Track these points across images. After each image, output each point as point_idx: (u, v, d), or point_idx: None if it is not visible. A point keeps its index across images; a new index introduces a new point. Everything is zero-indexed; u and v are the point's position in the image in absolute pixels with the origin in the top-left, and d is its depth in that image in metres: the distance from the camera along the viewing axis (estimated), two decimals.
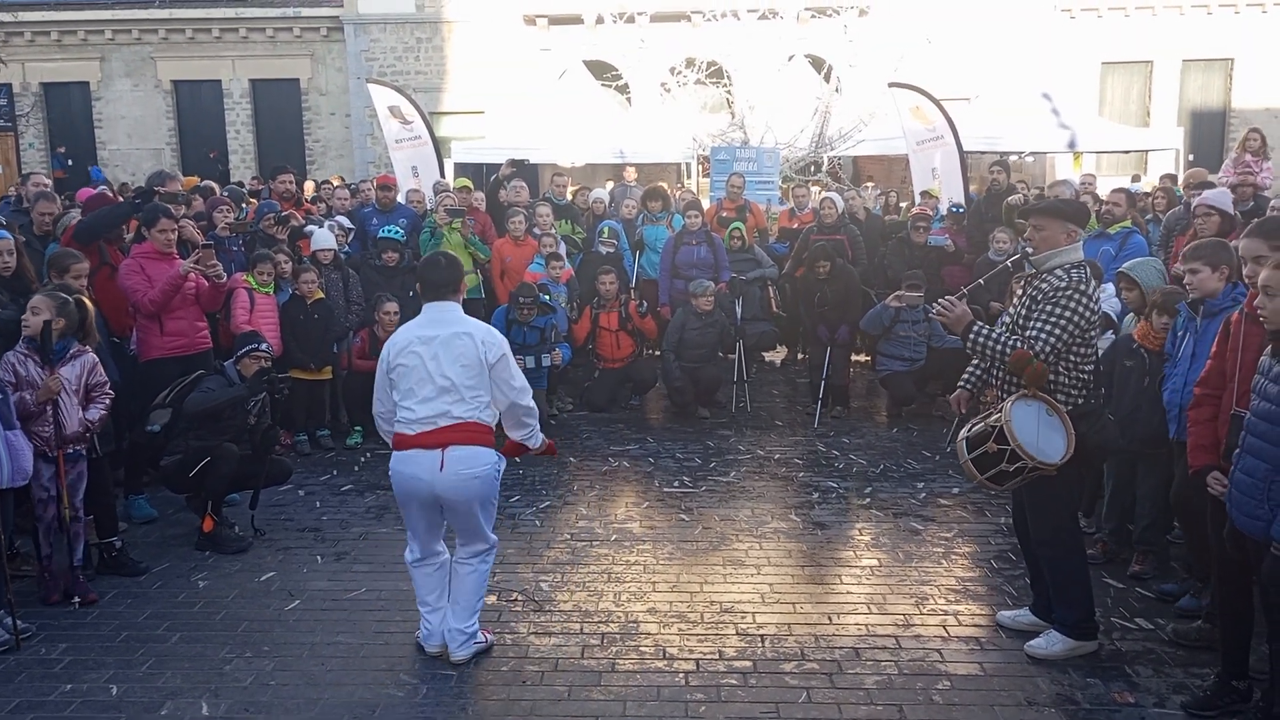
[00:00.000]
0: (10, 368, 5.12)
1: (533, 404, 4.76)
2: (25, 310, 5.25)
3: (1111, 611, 5.18)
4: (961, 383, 5.06)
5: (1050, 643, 4.71)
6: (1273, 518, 3.70)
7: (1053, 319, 4.44)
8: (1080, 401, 4.59)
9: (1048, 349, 4.43)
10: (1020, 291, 4.77)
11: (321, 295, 8.30)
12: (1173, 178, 13.87)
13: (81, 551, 5.48)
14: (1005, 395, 4.65)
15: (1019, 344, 4.47)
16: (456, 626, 4.72)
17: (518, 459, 5.02)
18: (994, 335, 4.55)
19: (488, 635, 4.85)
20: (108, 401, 5.56)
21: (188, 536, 6.29)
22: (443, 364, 4.50)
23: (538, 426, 4.85)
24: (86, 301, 5.55)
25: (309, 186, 13.88)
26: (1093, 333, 4.57)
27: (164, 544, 6.27)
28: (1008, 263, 5.59)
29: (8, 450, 4.86)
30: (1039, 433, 4.48)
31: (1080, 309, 4.44)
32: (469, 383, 4.51)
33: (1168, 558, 5.61)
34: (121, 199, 8.33)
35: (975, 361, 4.95)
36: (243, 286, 7.80)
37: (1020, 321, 4.62)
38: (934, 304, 4.72)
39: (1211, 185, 8.65)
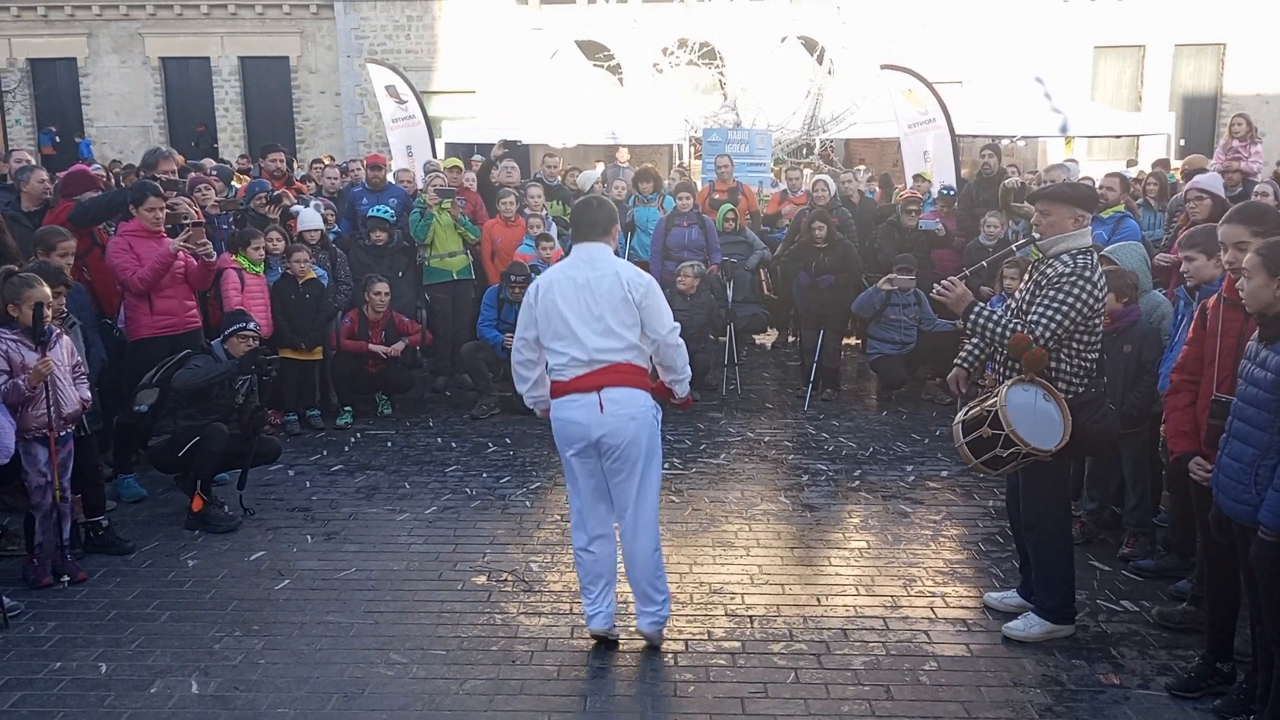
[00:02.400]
0: (4, 354, 5.08)
1: (683, 345, 4.72)
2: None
3: (1097, 594, 5.22)
4: (958, 361, 5.06)
5: (1028, 625, 4.74)
6: (1259, 502, 3.72)
7: (1054, 304, 4.42)
8: (1081, 390, 4.57)
9: (1048, 334, 4.43)
10: (1026, 277, 4.76)
11: (314, 275, 8.26)
12: (1166, 164, 13.88)
13: (69, 530, 5.47)
14: (1003, 379, 4.65)
15: (1019, 328, 4.47)
16: (644, 608, 4.66)
17: (667, 401, 4.93)
18: (994, 317, 4.54)
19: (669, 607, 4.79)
20: (89, 380, 5.56)
21: (177, 515, 6.29)
22: (595, 304, 4.44)
23: (688, 374, 4.81)
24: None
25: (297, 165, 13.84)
26: (1097, 320, 4.53)
27: (153, 523, 6.26)
28: (1013, 246, 5.60)
29: None
30: (1035, 418, 4.48)
31: (1084, 296, 4.42)
32: (621, 323, 4.46)
33: (1154, 540, 5.65)
34: (107, 174, 8.27)
35: (974, 340, 4.95)
36: (232, 266, 7.76)
37: (1024, 306, 4.61)
38: (935, 284, 4.70)
39: (1203, 170, 8.67)
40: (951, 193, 10.75)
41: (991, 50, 20.38)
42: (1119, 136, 19.93)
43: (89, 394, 5.53)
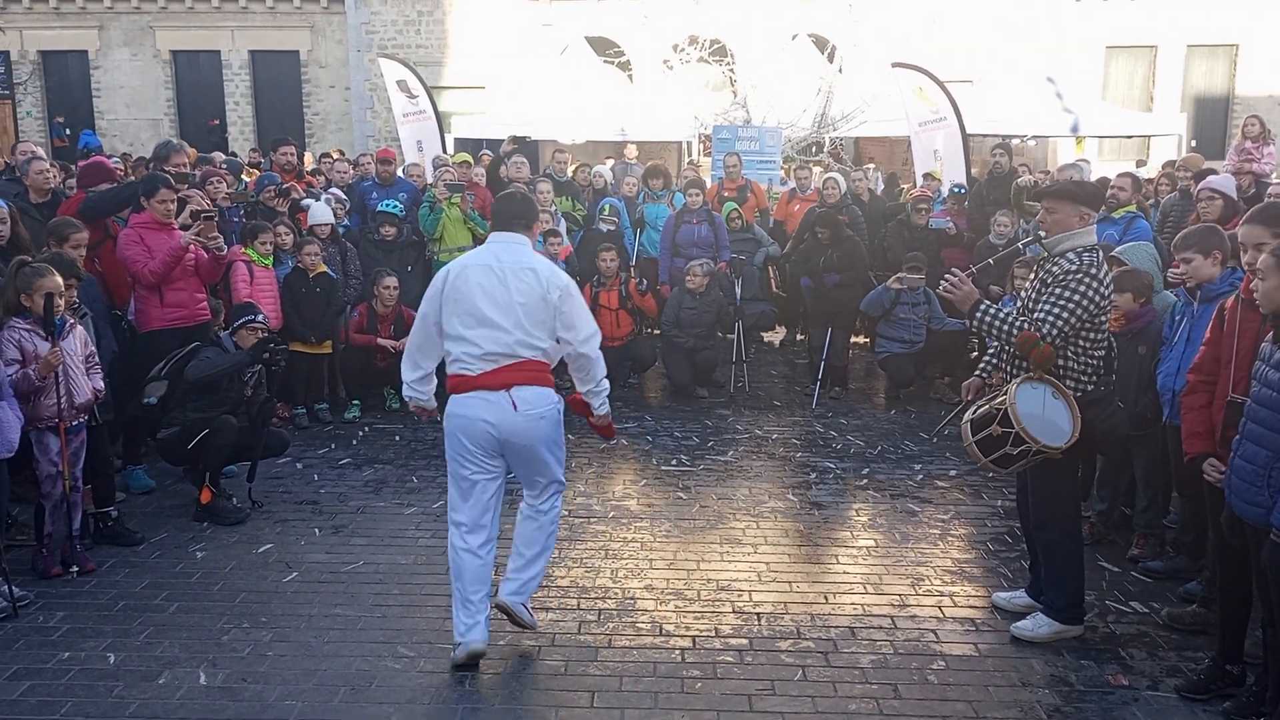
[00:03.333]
0: (16, 344, 5.09)
1: (600, 356, 4.51)
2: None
3: (1106, 594, 5.20)
4: (978, 372, 5.04)
5: (1036, 625, 4.73)
6: (1273, 504, 3.71)
7: (1060, 301, 4.42)
8: (1090, 388, 4.57)
9: (1054, 332, 4.42)
10: (1032, 275, 4.75)
11: (324, 268, 8.27)
12: (1173, 163, 13.82)
13: (79, 521, 5.48)
14: (1011, 378, 4.64)
15: (1026, 325, 4.46)
16: (518, 574, 4.57)
17: (584, 419, 4.79)
18: (1001, 314, 4.53)
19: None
20: (101, 370, 5.58)
21: (185, 507, 6.30)
22: (504, 302, 4.26)
23: (607, 388, 4.61)
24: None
25: (308, 158, 13.87)
26: (1103, 318, 4.53)
27: (162, 514, 6.27)
28: (1020, 244, 5.59)
29: (1, 422, 4.84)
30: (1044, 416, 4.48)
31: (1089, 293, 4.41)
32: (536, 321, 4.29)
33: (1164, 541, 5.62)
34: (120, 166, 8.28)
35: (993, 349, 4.94)
36: (241, 259, 7.77)
37: (1030, 304, 4.61)
38: (941, 281, 4.69)
39: (1210, 171, 8.63)
40: (963, 190, 10.72)
41: (1003, 49, 20.31)
42: (1130, 137, 19.88)
43: (102, 384, 5.55)
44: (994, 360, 4.95)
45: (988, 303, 4.60)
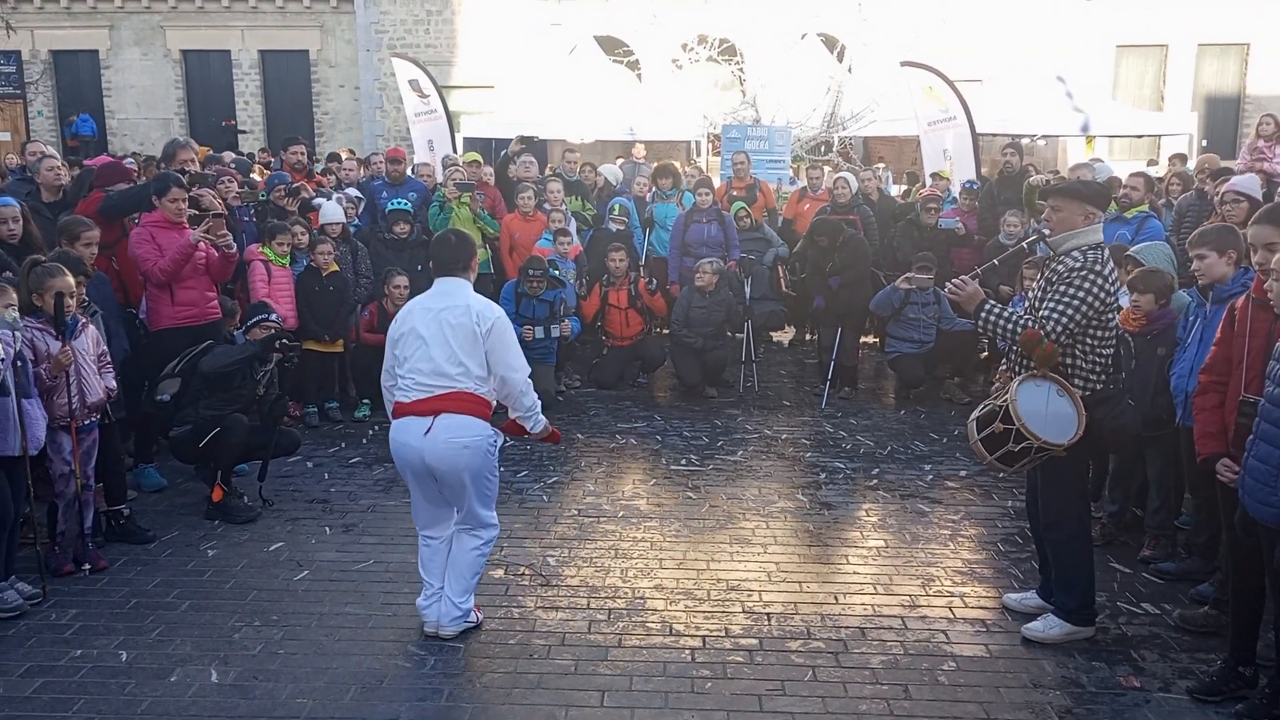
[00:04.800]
0: (29, 343, 5.11)
1: (529, 385, 4.71)
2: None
3: (1118, 596, 5.19)
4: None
5: (1047, 626, 4.72)
6: None
7: (1065, 299, 4.41)
8: (1099, 386, 4.56)
9: (1059, 330, 4.41)
10: (1039, 275, 4.74)
11: (337, 267, 8.29)
12: (1182, 157, 13.80)
13: (91, 519, 5.51)
14: (1015, 375, 4.64)
15: (1031, 323, 4.46)
16: (450, 597, 4.72)
17: (524, 438, 5.03)
18: (1005, 314, 4.53)
19: (479, 614, 4.83)
20: (113, 369, 5.61)
21: (197, 506, 6.32)
22: (441, 333, 4.52)
23: (538, 410, 4.78)
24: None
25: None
26: (1110, 315, 4.52)
27: (173, 513, 6.29)
28: (1024, 244, 5.57)
29: (25, 419, 4.87)
30: (1047, 413, 4.47)
31: (1095, 290, 4.41)
32: (466, 353, 4.51)
33: (1175, 542, 5.61)
34: (132, 164, 8.31)
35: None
36: (259, 259, 7.80)
37: (1035, 304, 4.60)
38: (947, 283, 4.69)
39: (1228, 170, 8.59)
40: (976, 186, 10.70)
41: (1012, 48, 20.25)
42: (1140, 136, 19.79)
43: (114, 383, 5.58)
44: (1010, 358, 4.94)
45: (992, 302, 4.60)
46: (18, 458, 4.88)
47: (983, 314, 4.55)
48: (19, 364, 4.90)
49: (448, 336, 4.52)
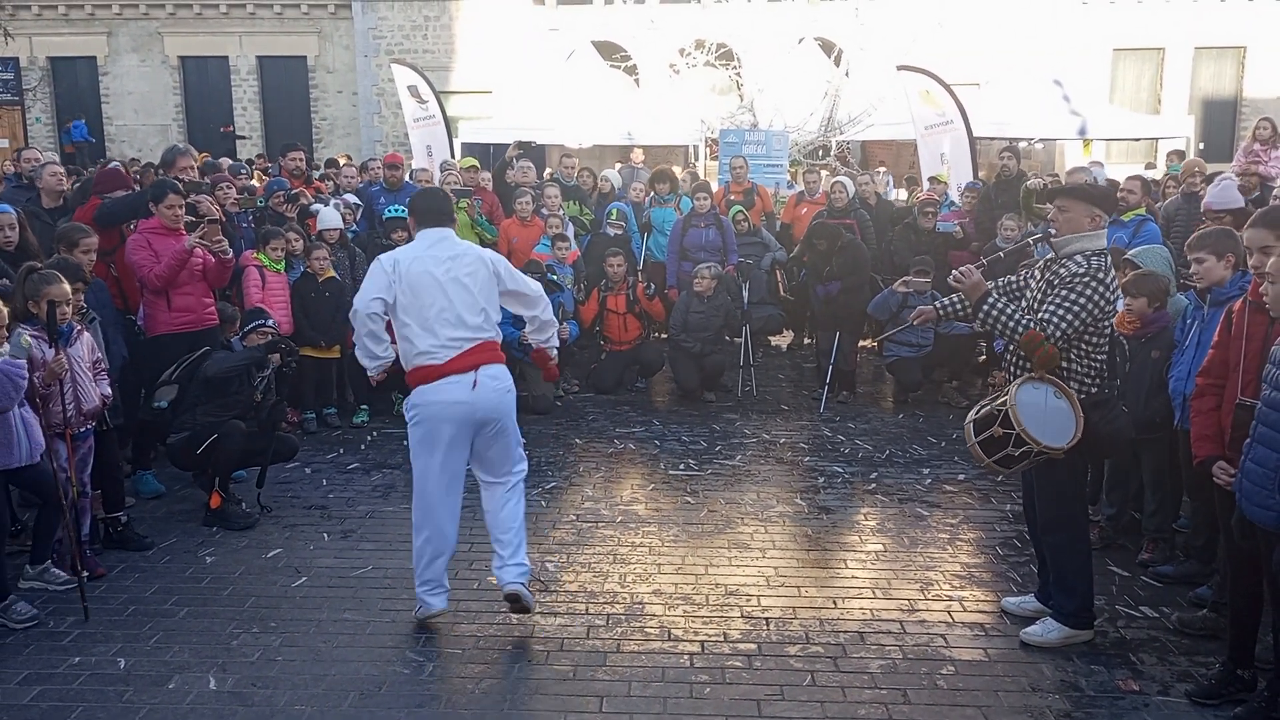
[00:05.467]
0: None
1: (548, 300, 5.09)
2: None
3: (1116, 599, 5.18)
4: (936, 305, 5.00)
5: (1046, 630, 4.72)
6: None
7: (1066, 303, 4.41)
8: (1094, 390, 4.57)
9: (1059, 333, 4.42)
10: (1038, 275, 4.74)
11: (333, 273, 8.29)
12: (1180, 154, 13.82)
13: (88, 526, 5.50)
14: (1013, 378, 4.64)
15: (1032, 324, 4.46)
16: (516, 562, 4.81)
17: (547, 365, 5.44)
18: (1008, 310, 4.51)
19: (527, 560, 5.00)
20: (109, 376, 5.61)
21: (194, 512, 6.31)
22: (459, 283, 4.59)
23: (555, 329, 5.19)
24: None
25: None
26: (1106, 322, 4.53)
27: (171, 519, 6.29)
28: (1030, 241, 5.57)
29: (25, 427, 4.87)
30: (1045, 416, 4.47)
31: (1096, 297, 4.41)
32: (490, 302, 4.69)
33: (1174, 545, 5.60)
34: (131, 173, 8.31)
35: (956, 296, 4.85)
36: (254, 265, 7.79)
37: (1035, 305, 4.60)
38: (953, 272, 4.68)
39: (1209, 174, 8.62)
40: (978, 185, 10.71)
41: (1009, 52, 20.28)
42: (1138, 139, 19.84)
43: (110, 390, 5.57)
44: (955, 302, 4.90)
45: (995, 296, 4.59)
46: (25, 467, 4.88)
47: (985, 307, 4.54)
48: None
49: (468, 285, 4.61)
